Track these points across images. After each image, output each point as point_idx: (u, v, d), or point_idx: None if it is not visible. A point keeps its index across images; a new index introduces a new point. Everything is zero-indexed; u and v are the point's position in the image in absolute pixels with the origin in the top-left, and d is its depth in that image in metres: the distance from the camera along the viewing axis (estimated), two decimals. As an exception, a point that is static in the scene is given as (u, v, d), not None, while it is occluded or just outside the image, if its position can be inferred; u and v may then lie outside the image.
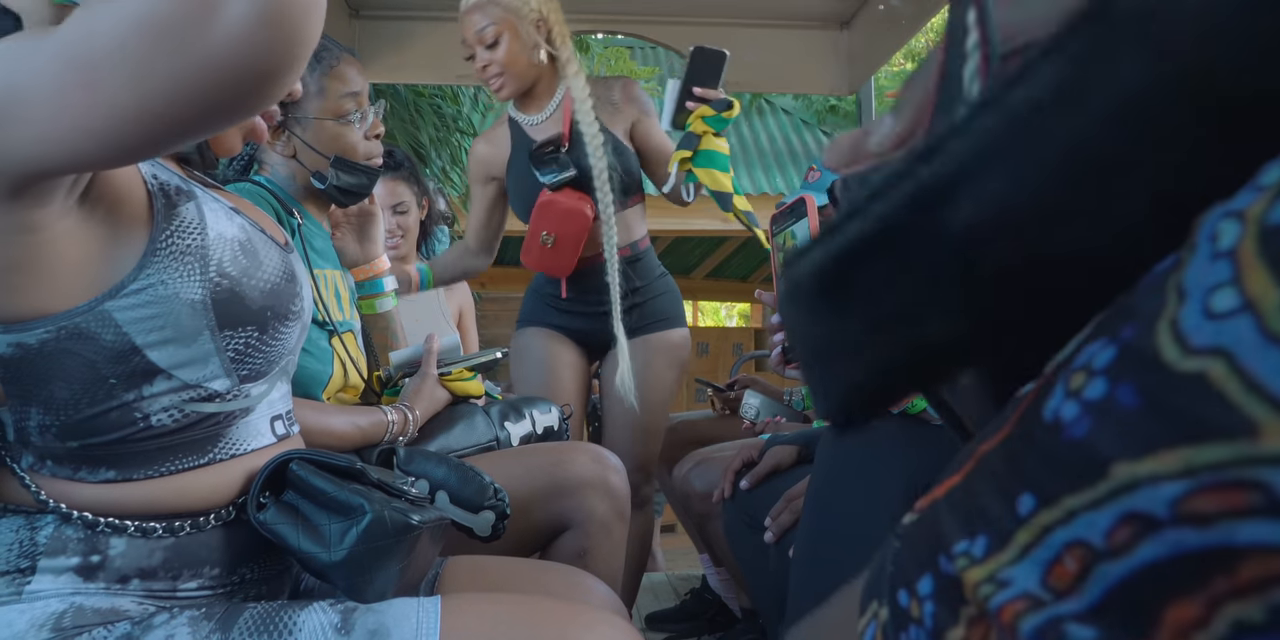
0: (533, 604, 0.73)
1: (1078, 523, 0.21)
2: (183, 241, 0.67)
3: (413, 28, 2.48)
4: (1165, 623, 0.19)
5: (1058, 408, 0.22)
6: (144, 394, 0.67)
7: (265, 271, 0.73)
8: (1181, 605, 0.18)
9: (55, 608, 0.65)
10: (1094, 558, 0.20)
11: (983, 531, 0.24)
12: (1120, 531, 0.20)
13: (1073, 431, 0.22)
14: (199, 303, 0.67)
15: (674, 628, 2.05)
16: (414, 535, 0.73)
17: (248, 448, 0.75)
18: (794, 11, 2.57)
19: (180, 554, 0.70)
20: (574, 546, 1.16)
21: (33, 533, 0.67)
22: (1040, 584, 0.21)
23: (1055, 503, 0.21)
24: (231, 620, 0.66)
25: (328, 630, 0.66)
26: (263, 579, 0.77)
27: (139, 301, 0.65)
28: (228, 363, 0.70)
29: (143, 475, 0.69)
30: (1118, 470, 0.20)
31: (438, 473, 1.03)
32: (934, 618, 0.25)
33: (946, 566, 0.25)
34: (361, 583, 0.72)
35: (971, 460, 0.26)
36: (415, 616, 0.68)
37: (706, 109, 1.61)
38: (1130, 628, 0.19)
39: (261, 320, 0.71)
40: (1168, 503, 0.19)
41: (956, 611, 0.24)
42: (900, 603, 0.27)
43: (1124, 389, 0.20)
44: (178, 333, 0.66)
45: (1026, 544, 0.22)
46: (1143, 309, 0.21)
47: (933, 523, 0.27)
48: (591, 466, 1.20)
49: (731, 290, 8.92)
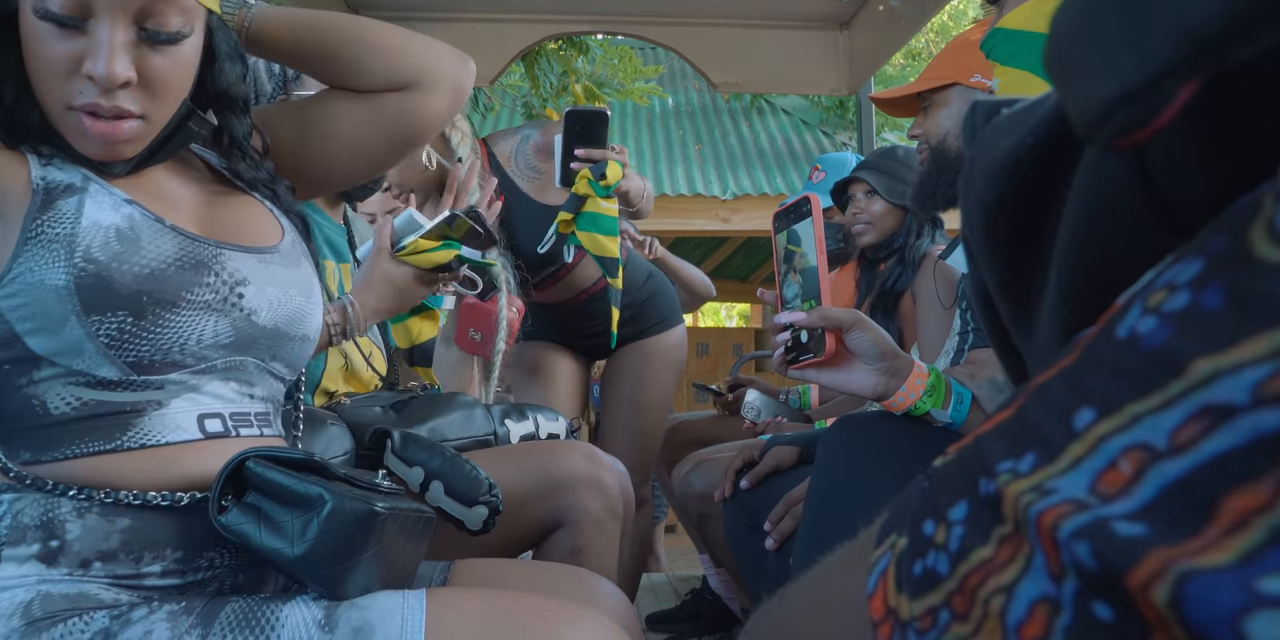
0: (519, 600, 0.72)
1: (1140, 426, 0.20)
2: (52, 230, 0.71)
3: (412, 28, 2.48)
4: (1223, 512, 0.18)
5: (1134, 323, 0.22)
6: (34, 378, 0.71)
7: (145, 257, 0.73)
8: (1245, 492, 0.18)
9: (22, 597, 0.66)
10: (1152, 458, 0.20)
11: (1031, 450, 0.23)
12: (1188, 428, 0.19)
13: (1150, 341, 0.21)
14: (63, 288, 0.69)
15: (674, 628, 2.05)
16: (378, 521, 0.71)
17: (161, 439, 0.74)
18: (794, 12, 2.57)
19: (137, 536, 0.71)
20: (567, 544, 1.16)
21: None
22: (1088, 490, 0.21)
23: (1118, 411, 0.21)
24: (212, 615, 0.66)
25: (310, 626, 0.66)
26: (237, 567, 0.76)
27: (12, 290, 0.69)
28: (103, 349, 0.70)
29: (51, 458, 0.71)
30: (1197, 366, 0.19)
31: (434, 463, 1.02)
32: (961, 540, 0.24)
33: (986, 487, 0.24)
34: (332, 578, 0.70)
35: (1023, 395, 0.26)
36: (400, 612, 0.67)
37: (587, 172, 1.54)
38: (1183, 520, 0.19)
39: (136, 305, 0.71)
40: (1250, 387, 0.18)
41: (989, 532, 0.23)
42: (925, 531, 0.26)
43: (1209, 292, 0.20)
44: (47, 320, 0.69)
45: (1079, 455, 0.21)
46: (1234, 222, 0.21)
47: (973, 454, 0.26)
48: (585, 464, 1.20)
49: (732, 290, 8.91)
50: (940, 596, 0.24)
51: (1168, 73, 0.21)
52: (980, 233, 0.34)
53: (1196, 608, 0.17)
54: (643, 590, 2.30)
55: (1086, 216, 0.28)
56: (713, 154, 6.92)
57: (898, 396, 0.94)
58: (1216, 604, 0.17)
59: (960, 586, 0.23)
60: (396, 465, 1.03)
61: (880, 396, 0.95)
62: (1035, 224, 0.31)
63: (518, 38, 2.52)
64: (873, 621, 0.26)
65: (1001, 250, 0.33)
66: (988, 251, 0.34)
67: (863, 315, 0.93)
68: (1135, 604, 0.18)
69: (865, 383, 0.94)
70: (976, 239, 0.34)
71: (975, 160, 0.34)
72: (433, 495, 1.02)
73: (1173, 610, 0.17)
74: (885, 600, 0.26)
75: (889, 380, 0.94)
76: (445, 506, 1.01)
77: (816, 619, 0.33)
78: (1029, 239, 0.32)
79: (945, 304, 1.66)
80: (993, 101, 0.39)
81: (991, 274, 0.34)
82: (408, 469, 1.03)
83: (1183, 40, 0.21)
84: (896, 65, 8.48)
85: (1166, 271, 0.22)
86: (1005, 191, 0.31)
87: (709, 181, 6.28)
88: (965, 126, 0.39)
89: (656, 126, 7.38)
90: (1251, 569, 0.17)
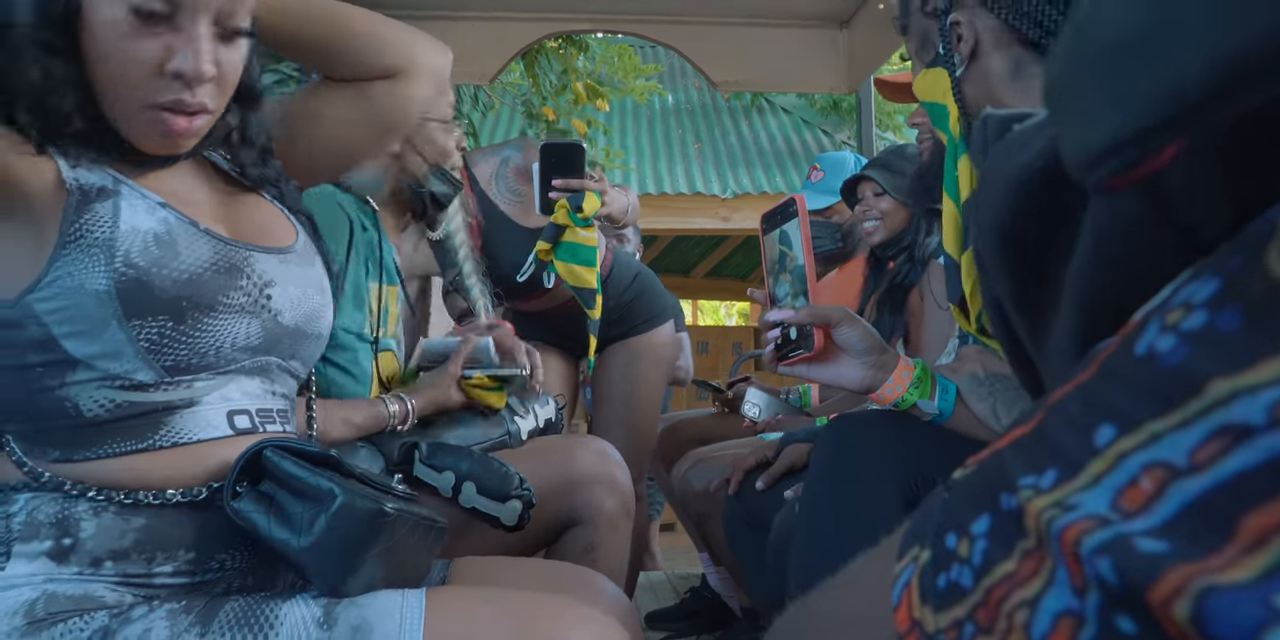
0: (519, 599, 0.72)
1: (1161, 444, 0.21)
2: (91, 235, 0.70)
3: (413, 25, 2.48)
4: (1243, 530, 0.18)
5: (1152, 341, 0.22)
6: (67, 380, 0.70)
7: (183, 263, 0.73)
8: (1264, 511, 0.18)
9: (28, 595, 0.66)
10: (1172, 476, 0.20)
11: (1052, 466, 0.23)
12: (1207, 447, 0.20)
13: (1168, 360, 0.21)
14: (104, 293, 0.69)
15: (673, 626, 2.05)
16: (386, 521, 0.71)
17: (193, 437, 0.74)
18: (793, 11, 2.57)
19: (152, 535, 0.71)
20: (582, 542, 1.17)
21: (7, 520, 0.68)
22: (1110, 506, 0.21)
23: (1137, 428, 0.21)
24: (211, 613, 0.66)
25: (309, 624, 0.66)
26: (247, 569, 0.76)
27: (51, 293, 0.69)
28: (143, 353, 0.71)
29: (82, 457, 0.71)
30: (1215, 386, 0.20)
31: (463, 465, 1.05)
32: (984, 554, 0.25)
33: (1008, 502, 0.24)
34: (335, 574, 0.70)
35: (1041, 410, 0.26)
36: (399, 611, 0.67)
37: (565, 203, 1.54)
38: (1203, 538, 0.19)
39: (175, 310, 0.72)
40: (1267, 408, 0.19)
41: (1011, 546, 0.24)
42: (947, 544, 0.26)
43: (1226, 313, 0.20)
44: (87, 323, 0.69)
45: (1099, 472, 0.22)
46: (1250, 242, 0.21)
47: (994, 468, 0.26)
48: (598, 462, 1.20)
49: (731, 289, 8.91)
50: (965, 609, 0.24)
51: (1153, 130, 0.22)
52: (994, 247, 0.34)
53: (1217, 624, 0.17)
54: (642, 588, 2.30)
55: (1102, 235, 0.28)
56: (712, 152, 6.92)
57: (885, 389, 0.95)
58: (1237, 620, 0.17)
59: (985, 599, 0.24)
60: (426, 473, 1.06)
61: (868, 389, 0.96)
62: (1049, 238, 0.31)
63: (518, 36, 2.52)
64: (898, 634, 0.27)
65: (1015, 264, 0.33)
66: (1001, 265, 0.34)
67: (850, 311, 0.95)
68: (1157, 618, 0.19)
69: (853, 376, 0.96)
70: (990, 253, 0.34)
71: (988, 176, 0.34)
72: (466, 497, 1.04)
73: (1194, 626, 0.18)
74: (910, 613, 0.27)
75: (876, 373, 0.95)
76: (480, 505, 1.03)
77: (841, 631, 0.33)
78: (1043, 253, 0.32)
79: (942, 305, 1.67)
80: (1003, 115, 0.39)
81: (1005, 287, 0.35)
82: (438, 475, 1.06)
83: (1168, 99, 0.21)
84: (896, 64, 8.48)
85: (1183, 289, 0.22)
86: (1020, 207, 0.32)
87: (709, 180, 6.27)
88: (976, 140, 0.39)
89: (656, 125, 7.38)
90: (1272, 586, 0.17)
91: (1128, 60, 0.22)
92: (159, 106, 0.72)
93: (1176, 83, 0.21)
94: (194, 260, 0.74)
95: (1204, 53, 0.21)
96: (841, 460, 0.99)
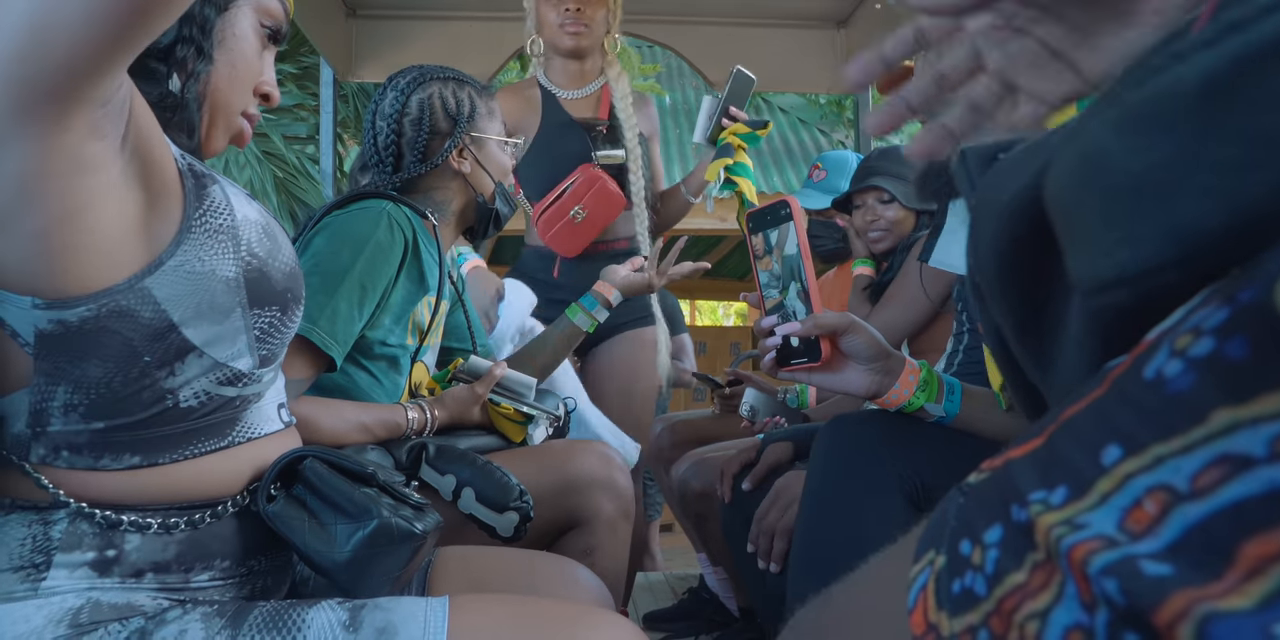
0: (540, 605, 0.74)
1: (1163, 468, 0.21)
2: (215, 221, 0.70)
3: (409, 27, 2.48)
4: (1242, 557, 0.19)
5: (1160, 365, 0.23)
6: (175, 372, 0.68)
7: (284, 254, 0.77)
8: (1262, 540, 0.19)
9: (72, 603, 0.65)
10: (1175, 500, 0.21)
11: (1062, 482, 0.24)
12: (1207, 474, 0.20)
13: (1174, 386, 0.22)
14: (234, 280, 0.70)
15: (671, 627, 2.05)
16: (416, 544, 0.76)
17: (261, 431, 0.77)
18: (792, 11, 2.57)
19: (194, 547, 0.71)
20: (581, 545, 1.17)
21: (46, 528, 0.66)
22: (1117, 527, 0.22)
23: (1143, 451, 0.22)
24: (242, 617, 0.67)
25: (336, 628, 0.67)
26: (268, 570, 0.78)
27: (177, 277, 0.67)
28: (253, 341, 0.72)
29: (168, 459, 0.70)
30: (1217, 415, 0.20)
31: (465, 471, 1.06)
32: (996, 563, 0.25)
33: (1019, 514, 0.25)
34: (361, 584, 0.74)
35: (1054, 424, 0.26)
36: (423, 615, 0.68)
37: (741, 126, 1.85)
38: (1205, 563, 0.19)
39: (284, 301, 0.75)
40: (1267, 441, 0.19)
41: (1022, 557, 0.24)
42: (961, 551, 0.27)
43: (1233, 343, 0.21)
44: (212, 309, 0.69)
45: (1107, 492, 0.22)
46: (1262, 275, 0.21)
47: (1006, 478, 0.27)
48: (599, 465, 1.20)
49: (729, 289, 8.92)
50: (979, 616, 0.25)
51: (1162, 268, 0.23)
52: (994, 275, 0.34)
53: None
54: (640, 589, 2.30)
55: None
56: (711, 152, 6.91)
57: (891, 394, 0.95)
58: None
59: (997, 608, 0.24)
60: (430, 475, 1.08)
61: (874, 395, 0.95)
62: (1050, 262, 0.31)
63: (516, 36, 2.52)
64: (914, 636, 0.27)
65: (1017, 290, 0.34)
66: (1003, 293, 0.34)
67: (855, 318, 0.94)
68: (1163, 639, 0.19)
69: (859, 383, 0.95)
70: (989, 282, 0.35)
71: (980, 206, 0.35)
72: (465, 502, 1.05)
73: None
74: (926, 616, 0.27)
75: (883, 379, 0.95)
76: (477, 513, 1.04)
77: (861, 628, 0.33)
78: (1044, 276, 0.32)
79: (931, 297, 1.68)
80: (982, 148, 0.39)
81: (1007, 316, 0.35)
82: (440, 478, 1.07)
83: (1180, 243, 0.23)
84: (894, 64, 8.47)
85: (1195, 314, 0.23)
86: (1020, 233, 0.32)
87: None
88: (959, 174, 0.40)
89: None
90: (1270, 614, 0.18)
91: (1142, 203, 0.23)
92: (245, 115, 0.82)
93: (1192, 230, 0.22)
94: (289, 253, 0.78)
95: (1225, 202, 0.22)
96: (841, 460, 0.99)
